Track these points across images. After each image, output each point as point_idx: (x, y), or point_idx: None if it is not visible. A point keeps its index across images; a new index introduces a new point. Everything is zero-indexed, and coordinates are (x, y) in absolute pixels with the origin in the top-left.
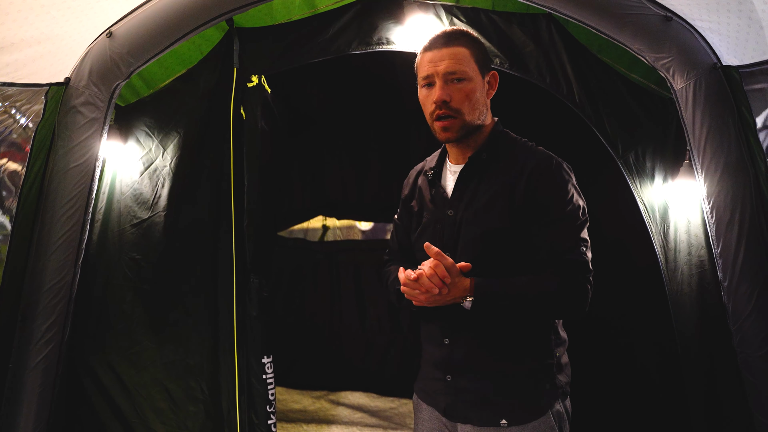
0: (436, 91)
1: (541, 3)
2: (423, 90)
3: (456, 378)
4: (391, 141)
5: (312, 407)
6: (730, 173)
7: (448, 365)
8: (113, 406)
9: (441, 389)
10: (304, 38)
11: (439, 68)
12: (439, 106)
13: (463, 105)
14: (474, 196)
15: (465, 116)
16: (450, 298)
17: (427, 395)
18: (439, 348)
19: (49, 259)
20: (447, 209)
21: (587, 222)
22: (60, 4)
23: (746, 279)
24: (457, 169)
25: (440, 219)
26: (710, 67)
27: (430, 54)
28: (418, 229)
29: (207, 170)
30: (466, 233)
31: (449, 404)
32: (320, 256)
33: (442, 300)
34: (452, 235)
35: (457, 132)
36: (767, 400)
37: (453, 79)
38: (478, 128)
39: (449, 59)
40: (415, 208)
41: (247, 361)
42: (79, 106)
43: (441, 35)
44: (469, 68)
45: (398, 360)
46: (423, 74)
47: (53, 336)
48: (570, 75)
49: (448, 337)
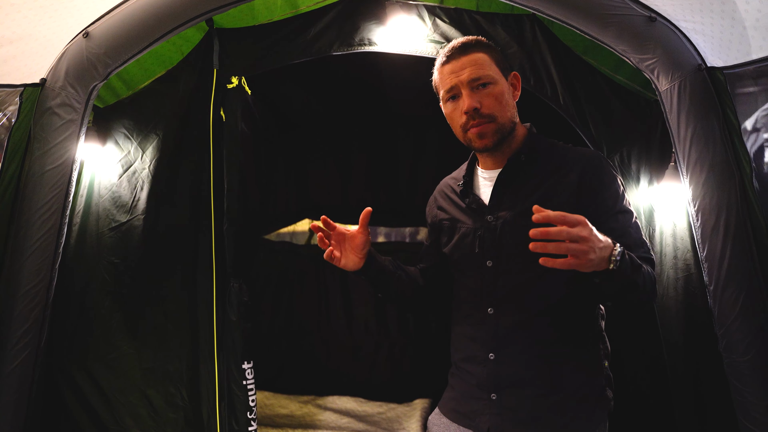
0: (465, 100)
1: (525, 3)
2: (448, 104)
3: (502, 396)
4: (376, 144)
5: (299, 412)
6: (716, 176)
7: (493, 383)
8: (91, 413)
9: (483, 409)
10: (285, 39)
11: (463, 77)
12: (471, 116)
13: (495, 109)
14: (516, 200)
15: (498, 119)
16: (602, 254)
17: (463, 416)
18: (481, 366)
19: (24, 263)
20: (486, 215)
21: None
22: (32, 3)
23: (732, 283)
24: (492, 175)
25: (479, 227)
26: (695, 69)
27: (450, 66)
28: (453, 241)
29: (187, 173)
30: (512, 237)
31: (495, 425)
32: (307, 260)
33: (597, 257)
34: (494, 242)
35: (493, 136)
36: (753, 405)
37: (479, 85)
38: (512, 131)
39: (471, 66)
40: (445, 222)
41: (228, 366)
42: (55, 107)
43: (456, 46)
44: (492, 71)
45: (386, 364)
46: (446, 87)
47: (29, 341)
48: (554, 76)
49: (494, 353)
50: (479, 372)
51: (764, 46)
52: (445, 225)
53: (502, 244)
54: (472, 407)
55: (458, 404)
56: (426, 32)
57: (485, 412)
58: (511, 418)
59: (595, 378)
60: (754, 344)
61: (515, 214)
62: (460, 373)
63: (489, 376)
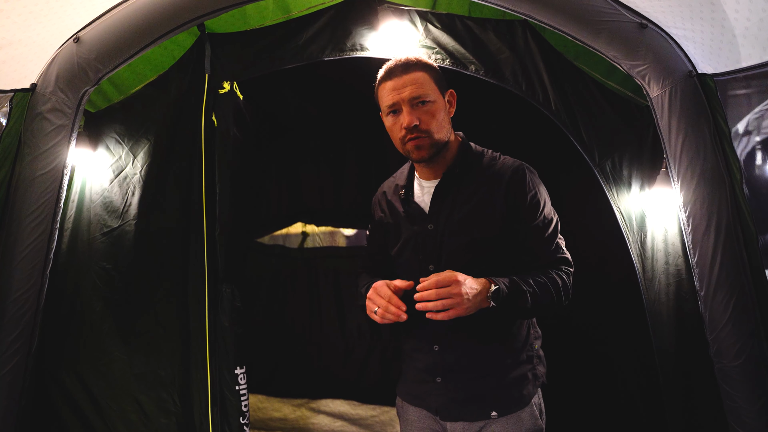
0: (405, 117)
1: (517, 9)
2: (389, 118)
3: (446, 379)
4: (368, 147)
5: (292, 415)
6: (707, 181)
7: (438, 368)
8: (83, 419)
9: (431, 390)
10: (277, 44)
11: (404, 95)
12: (410, 131)
13: (431, 125)
14: (453, 209)
15: (434, 135)
16: (476, 299)
17: (415, 398)
18: (428, 354)
19: (14, 269)
20: (426, 224)
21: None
22: (21, 9)
23: (722, 288)
24: (430, 185)
25: (420, 233)
26: (686, 75)
27: (391, 83)
28: (398, 245)
29: (178, 178)
30: (450, 244)
31: (442, 404)
32: (299, 263)
33: (472, 304)
34: (435, 248)
35: (429, 150)
36: (744, 410)
37: (418, 103)
38: (445, 145)
39: (411, 85)
40: (390, 225)
41: (220, 372)
42: (45, 112)
43: (399, 64)
44: (431, 90)
45: (379, 367)
46: (388, 103)
47: (19, 348)
48: (546, 82)
49: (438, 344)
50: (426, 359)
51: (753, 54)
52: (390, 227)
53: (441, 250)
54: (423, 389)
55: (411, 387)
56: (418, 37)
57: (433, 393)
58: (454, 398)
59: (526, 359)
60: (745, 349)
61: (453, 222)
62: (411, 361)
63: (435, 363)
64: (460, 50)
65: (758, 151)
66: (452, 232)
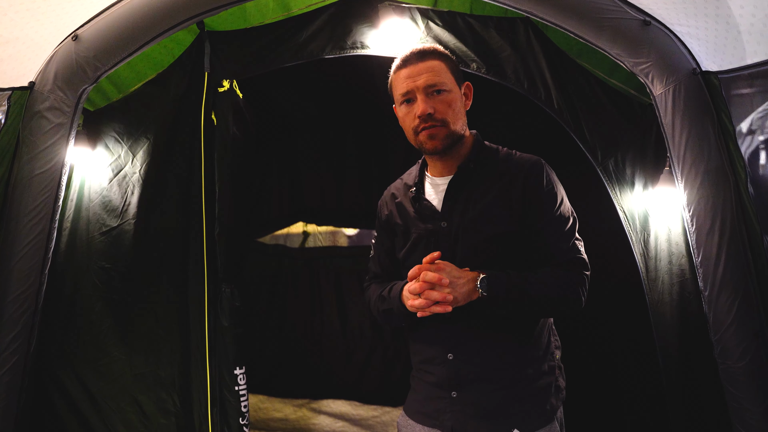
0: (420, 105)
1: (519, 7)
2: (403, 107)
3: (463, 393)
4: (370, 146)
5: (293, 416)
6: (711, 180)
7: (454, 381)
8: (81, 419)
9: (446, 408)
10: (276, 42)
11: (419, 82)
12: (424, 119)
13: (447, 115)
14: (467, 206)
15: (450, 125)
16: (464, 288)
17: (427, 417)
18: (441, 366)
19: (13, 268)
20: (440, 222)
21: (576, 221)
22: (18, 6)
23: (727, 288)
24: (442, 182)
25: (433, 232)
26: (689, 73)
27: (406, 71)
28: (407, 246)
29: (177, 177)
30: (466, 242)
31: (458, 421)
32: (300, 263)
33: (459, 293)
34: (449, 246)
35: (443, 140)
36: (748, 411)
37: (433, 91)
38: (460, 138)
39: (427, 73)
40: (399, 227)
41: (219, 372)
42: (44, 111)
43: (414, 52)
44: (447, 79)
45: (380, 368)
46: (402, 91)
47: (18, 347)
48: (548, 80)
49: (452, 352)
50: (439, 372)
51: (759, 51)
52: (398, 229)
53: (456, 249)
54: (435, 407)
55: (421, 405)
56: (419, 35)
57: (447, 410)
58: (472, 413)
59: (547, 369)
60: (749, 350)
61: (467, 219)
62: (421, 375)
63: (449, 375)
64: (461, 48)
65: (762, 149)
66: (467, 229)
